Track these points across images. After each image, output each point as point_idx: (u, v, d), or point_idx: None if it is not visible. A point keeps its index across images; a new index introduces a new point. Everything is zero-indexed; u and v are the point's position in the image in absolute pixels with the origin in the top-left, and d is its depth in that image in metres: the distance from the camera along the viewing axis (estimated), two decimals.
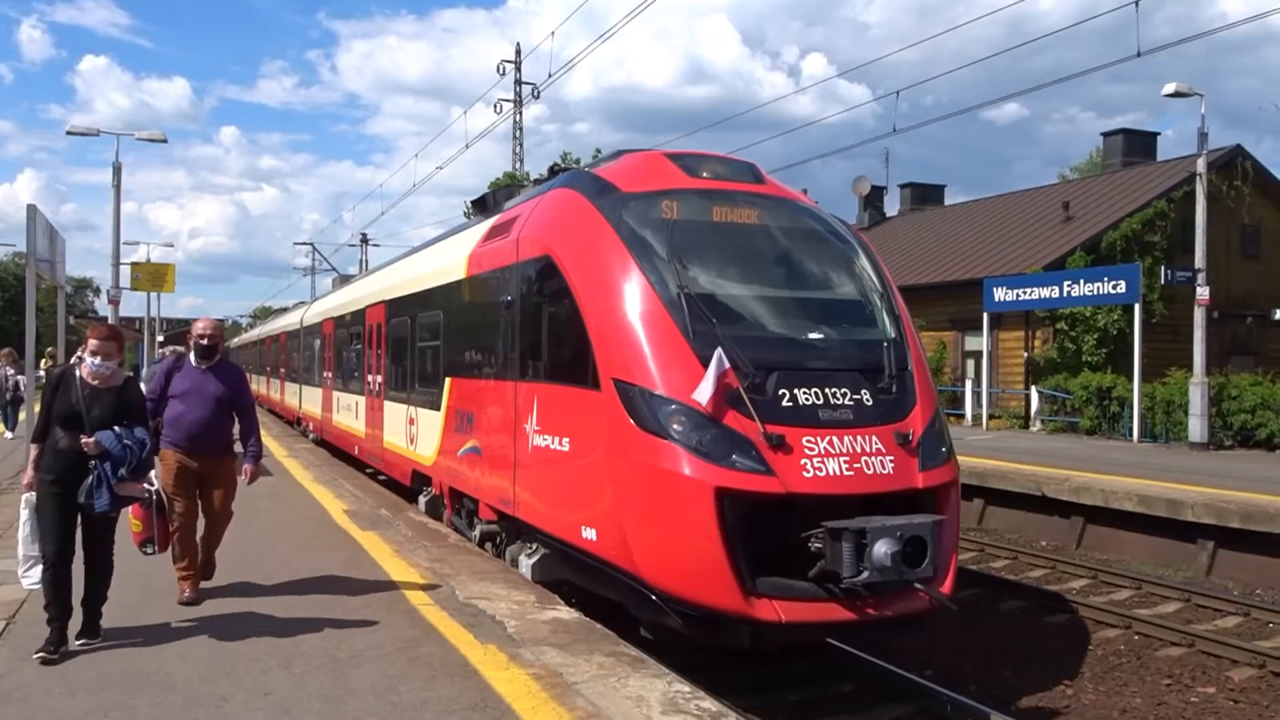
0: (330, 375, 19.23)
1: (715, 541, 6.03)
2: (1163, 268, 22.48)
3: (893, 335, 7.22)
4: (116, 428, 5.60)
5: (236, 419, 7.04)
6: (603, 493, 6.70)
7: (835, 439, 6.40)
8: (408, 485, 12.40)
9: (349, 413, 16.68)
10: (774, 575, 6.19)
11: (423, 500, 11.76)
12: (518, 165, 39.41)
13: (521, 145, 40.02)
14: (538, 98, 38.49)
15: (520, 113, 39.48)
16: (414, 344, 12.04)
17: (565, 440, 7.24)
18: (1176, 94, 20.18)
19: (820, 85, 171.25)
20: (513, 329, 8.33)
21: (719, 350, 6.31)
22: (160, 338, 40.91)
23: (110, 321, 28.67)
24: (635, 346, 6.62)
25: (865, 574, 5.88)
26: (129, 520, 6.27)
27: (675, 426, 6.29)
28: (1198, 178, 20.63)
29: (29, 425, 8.19)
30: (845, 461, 6.33)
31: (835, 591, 6.15)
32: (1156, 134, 35.33)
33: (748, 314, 6.95)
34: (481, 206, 10.99)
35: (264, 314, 75.60)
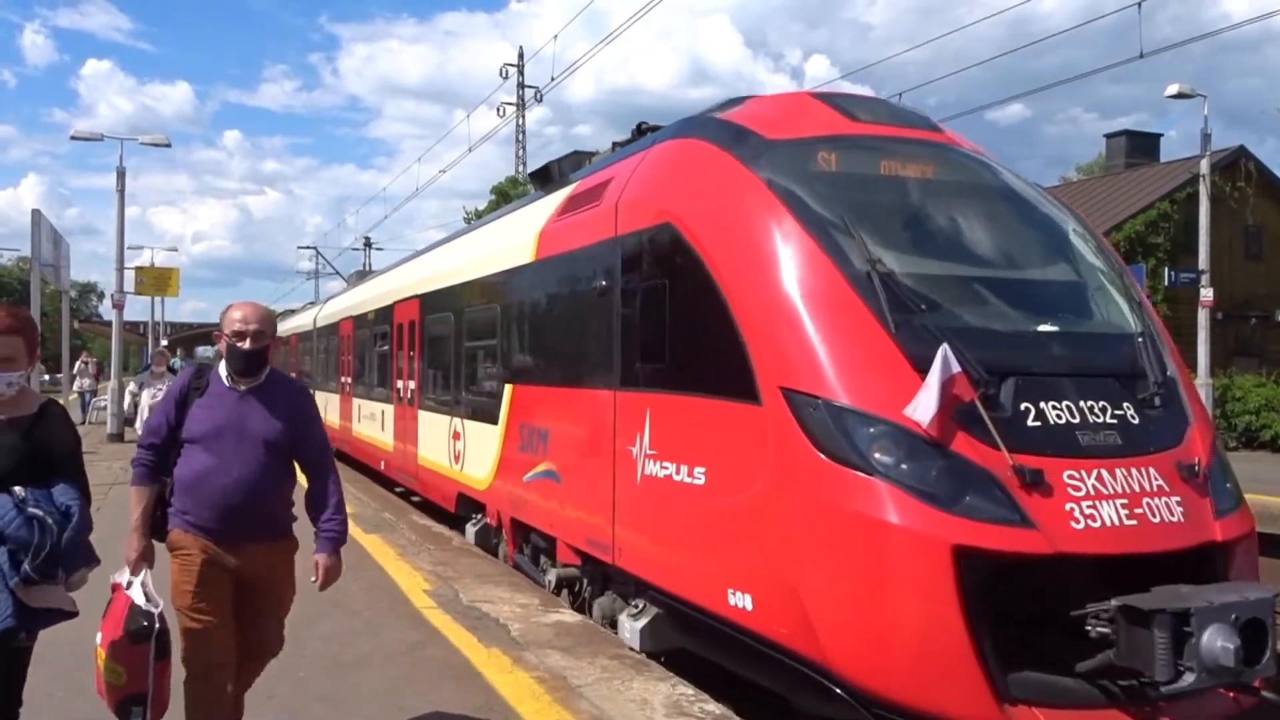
0: (350, 380, 17.39)
1: (954, 623, 4.17)
2: (1166, 269, 22.99)
3: (1142, 328, 5.36)
4: (19, 489, 3.34)
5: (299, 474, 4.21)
6: (764, 545, 4.84)
7: (1105, 473, 4.53)
8: (452, 511, 10.54)
9: (373, 423, 14.83)
10: (1019, 665, 4.33)
11: (471, 530, 9.90)
12: (520, 169, 39.34)
13: (524, 148, 39.93)
14: (540, 101, 37.82)
15: (523, 116, 39.29)
16: (459, 344, 10.18)
17: (698, 470, 5.38)
18: (1179, 95, 20.42)
19: (823, 87, 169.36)
20: (608, 322, 6.47)
21: (944, 348, 4.45)
22: (164, 341, 39.42)
23: (114, 325, 26.50)
24: (813, 343, 4.75)
25: (1191, 676, 4.00)
26: (101, 662, 3.84)
27: (883, 456, 4.43)
28: (1201, 179, 20.74)
29: None
30: (1123, 506, 4.46)
31: (1116, 692, 4.29)
32: (1159, 135, 35.95)
33: (958, 299, 5.09)
34: (544, 178, 9.14)
35: None
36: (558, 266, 7.50)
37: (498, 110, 36.92)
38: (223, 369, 4.01)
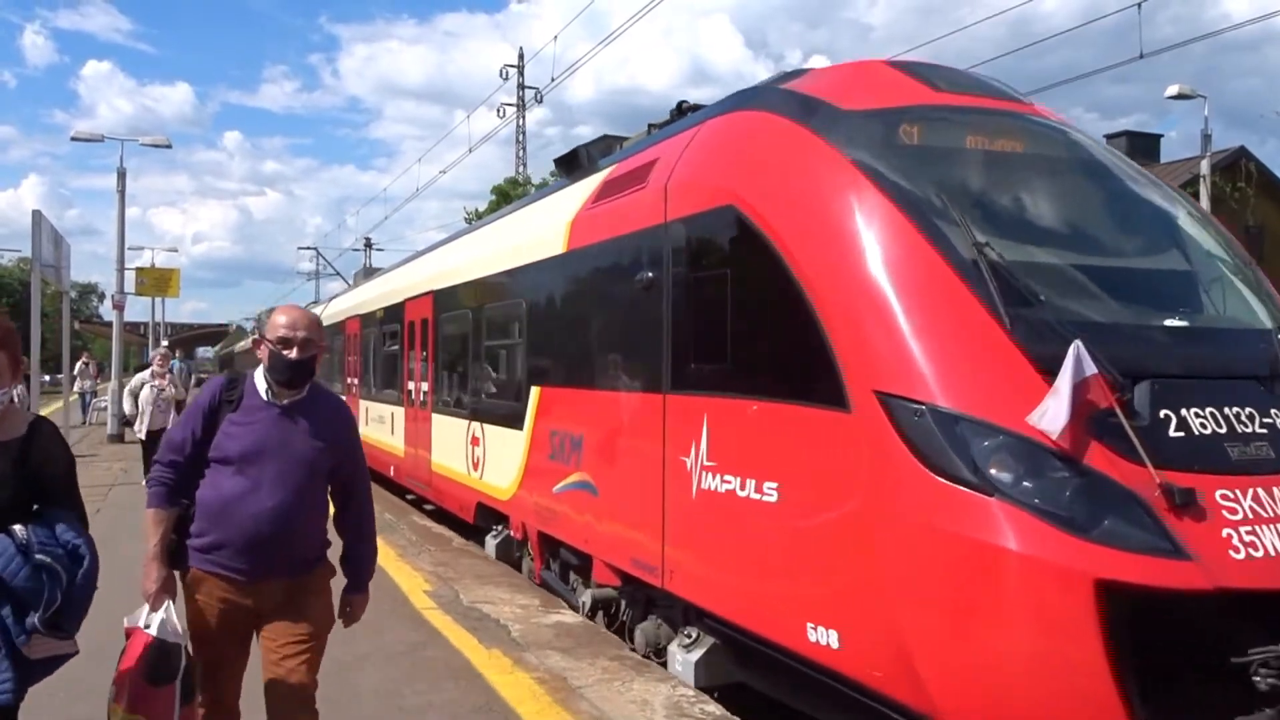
0: (355, 382, 16.73)
1: (1098, 671, 3.51)
2: None
3: (1276, 323, 4.70)
4: (19, 529, 2.83)
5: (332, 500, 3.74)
6: (855, 575, 4.18)
7: (1262, 491, 3.87)
8: (469, 522, 9.87)
9: (382, 426, 14.16)
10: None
11: (492, 542, 9.24)
12: (520, 169, 39.51)
13: (524, 149, 39.99)
14: (540, 101, 38.32)
15: (523, 117, 39.36)
16: (478, 343, 9.52)
17: (769, 485, 4.71)
18: (1180, 96, 20.51)
19: None
20: (655, 317, 5.81)
21: (1077, 346, 3.78)
22: (164, 342, 38.95)
23: (114, 325, 26.08)
24: (916, 340, 4.08)
25: None
26: (112, 710, 3.29)
27: (1003, 472, 3.77)
28: (1201, 179, 20.72)
29: None
30: None
31: None
32: (1160, 136, 35.97)
33: (1074, 290, 4.41)
34: (570, 165, 8.47)
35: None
36: (593, 257, 6.83)
37: (498, 111, 36.96)
38: (260, 379, 3.52)
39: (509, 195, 36.90)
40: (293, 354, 3.43)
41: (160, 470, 3.46)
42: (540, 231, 7.99)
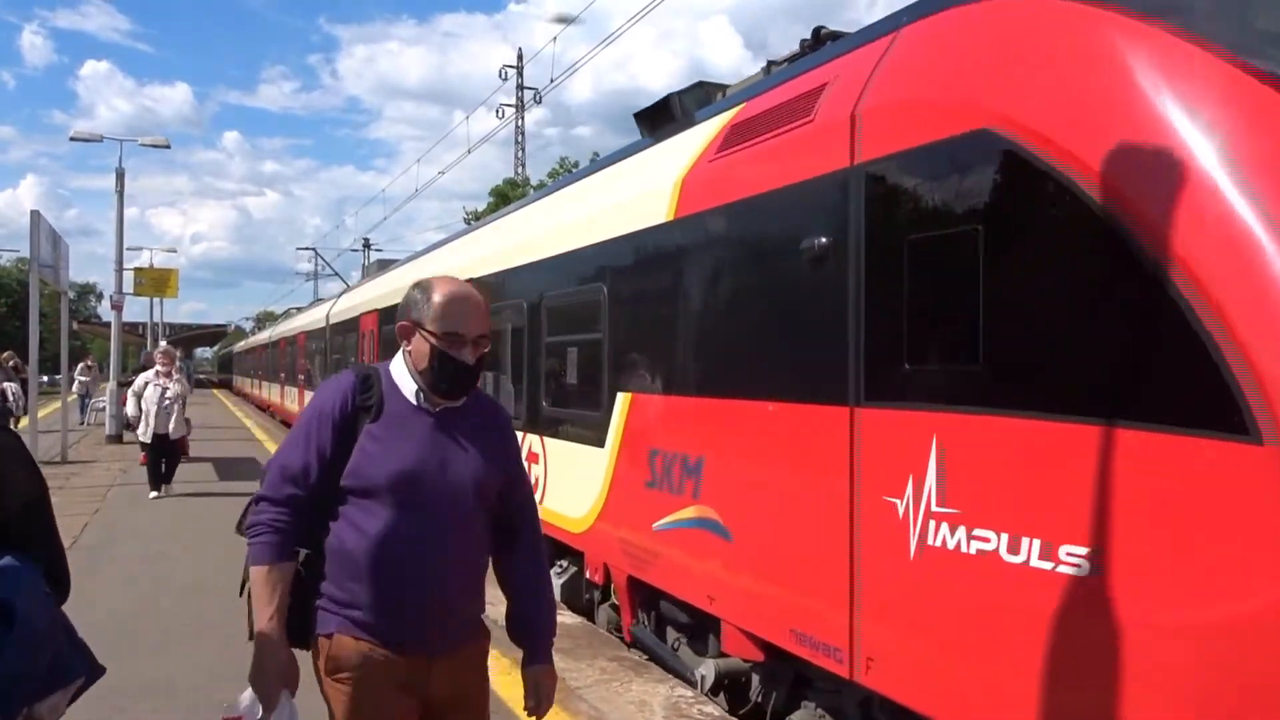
0: None
1: None
2: None
3: None
4: None
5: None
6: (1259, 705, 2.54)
7: None
8: None
9: None
10: None
11: (557, 582, 7.57)
12: (519, 170, 39.85)
13: (524, 150, 40.49)
14: (539, 102, 39.16)
15: (522, 117, 39.72)
16: (536, 338, 7.87)
17: (1072, 552, 3.06)
18: None
19: None
20: (835, 299, 4.17)
21: None
22: (163, 342, 37.81)
23: (113, 326, 26.25)
24: None
25: None
26: None
27: None
28: None
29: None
30: None
31: None
32: None
33: None
34: (656, 120, 6.81)
35: (267, 319, 71.98)
36: (721, 222, 5.18)
37: (497, 112, 36.77)
38: (403, 376, 2.65)
39: (508, 196, 36.95)
40: (467, 357, 2.58)
41: (270, 511, 2.50)
42: (630, 198, 6.34)
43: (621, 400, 6.26)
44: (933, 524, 3.62)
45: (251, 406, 41.96)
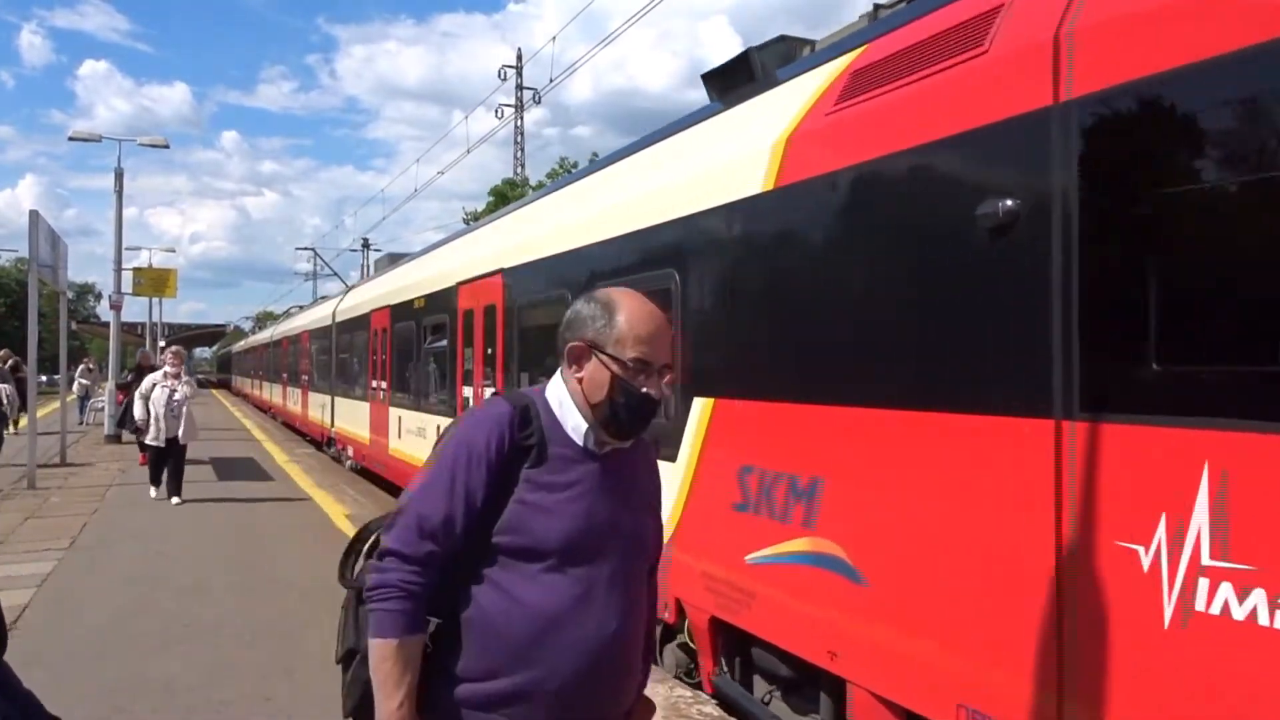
0: (385, 385, 14.13)
1: None
2: None
3: None
4: None
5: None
6: None
7: None
8: None
9: (422, 440, 11.56)
10: None
11: None
12: (519, 170, 39.82)
13: (523, 150, 40.50)
14: (538, 102, 38.60)
15: (521, 117, 39.61)
16: None
17: None
18: None
19: None
20: (1030, 278, 3.19)
21: None
22: (162, 342, 37.25)
23: (112, 326, 26.30)
24: None
25: None
26: None
27: None
28: None
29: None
30: None
31: None
32: None
33: None
34: (730, 80, 5.83)
35: (267, 319, 71.10)
36: (846, 188, 4.18)
37: (496, 112, 37.45)
38: (570, 409, 2.10)
39: (507, 196, 37.09)
40: (656, 389, 2.07)
41: (401, 570, 1.96)
42: (708, 169, 5.36)
43: (700, 407, 5.28)
44: (1204, 583, 2.64)
45: (251, 407, 41.17)
